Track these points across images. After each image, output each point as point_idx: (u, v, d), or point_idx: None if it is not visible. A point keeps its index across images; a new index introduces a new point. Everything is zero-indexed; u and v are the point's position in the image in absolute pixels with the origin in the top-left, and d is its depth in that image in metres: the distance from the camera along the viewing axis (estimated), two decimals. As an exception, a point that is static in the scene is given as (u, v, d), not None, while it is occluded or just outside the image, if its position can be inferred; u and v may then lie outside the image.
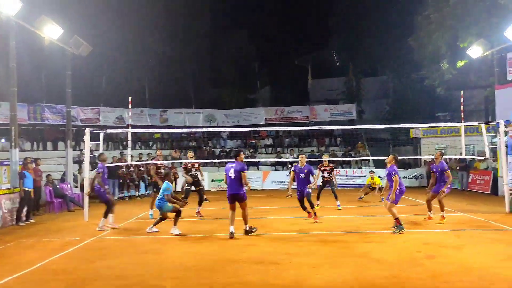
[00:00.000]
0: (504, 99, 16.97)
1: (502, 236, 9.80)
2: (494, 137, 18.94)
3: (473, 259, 7.72)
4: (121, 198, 20.35)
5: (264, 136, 30.68)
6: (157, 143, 29.57)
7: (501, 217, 12.54)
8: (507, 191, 13.73)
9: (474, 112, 28.36)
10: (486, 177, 20.42)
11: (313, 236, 10.17)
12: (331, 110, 31.66)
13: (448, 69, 22.41)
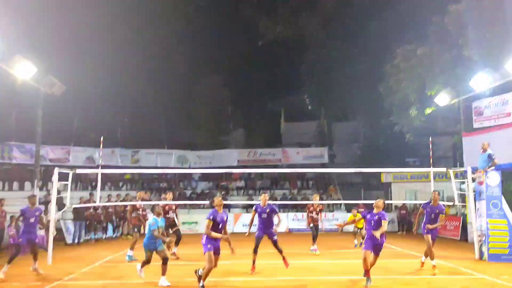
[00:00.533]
0: (471, 146, 17.40)
1: (473, 284, 9.84)
2: (462, 183, 19.30)
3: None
4: (87, 241, 19.76)
5: (236, 178, 30.55)
6: (127, 184, 29.11)
7: (471, 264, 12.61)
8: (476, 238, 13.87)
9: (443, 158, 28.96)
10: (456, 223, 20.67)
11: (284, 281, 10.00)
12: (303, 153, 31.93)
13: (417, 116, 22.97)
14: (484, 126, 17.21)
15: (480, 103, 17.40)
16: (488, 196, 13.38)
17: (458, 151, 22.28)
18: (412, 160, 32.68)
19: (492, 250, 13.07)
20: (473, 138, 17.61)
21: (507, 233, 13.08)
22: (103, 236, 20.92)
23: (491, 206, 13.31)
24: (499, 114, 16.40)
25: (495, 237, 13.11)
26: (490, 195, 13.39)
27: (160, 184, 29.66)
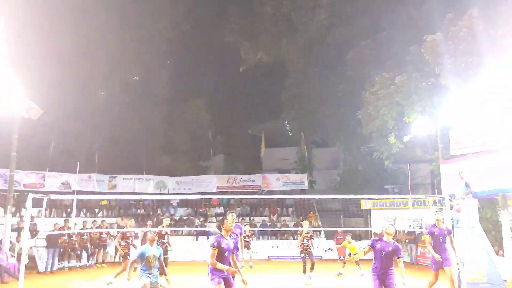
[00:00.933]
0: (449, 174, 17.53)
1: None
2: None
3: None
4: (60, 269, 19.16)
5: (215, 204, 30.26)
6: (104, 210, 28.57)
7: (449, 292, 12.51)
8: (455, 265, 13.83)
9: (421, 185, 29.21)
10: (434, 251, 20.63)
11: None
12: (283, 179, 31.84)
13: (395, 143, 23.19)
14: (461, 153, 17.38)
15: (458, 131, 17.61)
16: (466, 223, 13.40)
17: (436, 178, 22.45)
18: (391, 187, 32.86)
19: (470, 279, 13.02)
20: (451, 165, 17.77)
21: (484, 260, 13.08)
22: (77, 264, 20.30)
23: (469, 234, 13.32)
24: (476, 141, 16.60)
25: (473, 265, 13.07)
26: (467, 222, 13.41)
27: (138, 210, 29.18)
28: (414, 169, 24.44)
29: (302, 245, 14.67)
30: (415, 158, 27.26)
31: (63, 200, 25.05)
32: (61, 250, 19.21)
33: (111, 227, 25.06)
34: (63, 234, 18.83)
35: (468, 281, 13.03)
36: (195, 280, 15.43)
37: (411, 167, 17.30)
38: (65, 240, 19.28)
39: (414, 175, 24.34)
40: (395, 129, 22.83)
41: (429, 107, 20.18)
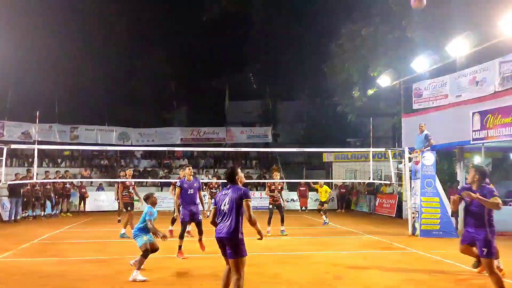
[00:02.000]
0: (410, 127, 18.01)
1: (405, 258, 10.23)
2: (400, 163, 20.02)
3: (377, 280, 7.97)
4: (24, 218, 19.03)
5: (179, 156, 30.26)
6: (66, 160, 28.21)
7: (404, 239, 13.16)
8: (410, 215, 14.49)
9: (383, 139, 29.90)
10: (392, 201, 21.47)
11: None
12: (247, 132, 32.00)
13: (359, 97, 23.51)
14: (423, 107, 17.82)
15: (420, 85, 17.97)
16: (423, 175, 13.93)
17: (397, 132, 23.03)
18: (353, 140, 33.53)
19: (424, 227, 13.67)
20: (412, 119, 18.23)
21: (438, 210, 13.72)
22: (42, 213, 20.20)
23: (425, 185, 13.87)
24: (437, 95, 17.01)
25: (428, 214, 13.70)
26: (425, 174, 13.93)
27: (101, 162, 28.93)
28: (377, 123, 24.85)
29: (272, 197, 14.47)
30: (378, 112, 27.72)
31: (24, 150, 24.56)
32: (24, 200, 19.03)
33: (75, 177, 24.83)
34: (25, 184, 18.61)
35: (422, 229, 13.68)
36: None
37: (374, 120, 17.61)
38: (28, 190, 19.08)
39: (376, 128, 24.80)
40: (360, 83, 23.10)
41: (394, 61, 20.40)
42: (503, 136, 13.57)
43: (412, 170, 14.82)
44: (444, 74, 16.98)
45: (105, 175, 27.06)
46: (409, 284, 7.59)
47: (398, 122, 21.38)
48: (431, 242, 12.58)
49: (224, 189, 6.22)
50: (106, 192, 24.86)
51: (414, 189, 14.48)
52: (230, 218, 5.98)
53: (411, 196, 14.63)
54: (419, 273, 8.48)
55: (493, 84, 14.27)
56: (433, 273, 8.48)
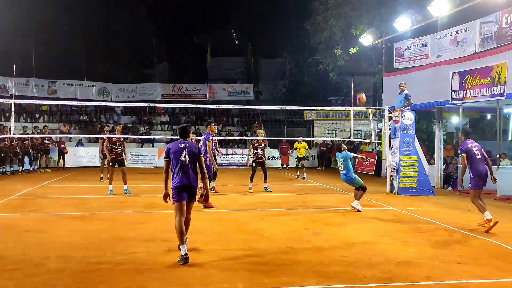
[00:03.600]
0: (390, 87, 18.06)
1: (382, 214, 10.49)
2: (380, 122, 20.22)
3: (355, 235, 8.18)
4: (2, 173, 18.86)
5: (160, 112, 30.02)
6: (45, 115, 27.80)
7: (382, 197, 13.47)
8: (389, 173, 14.78)
9: (363, 98, 30.02)
10: (371, 159, 21.80)
11: (207, 214, 10.14)
12: (229, 89, 31.82)
13: (341, 55, 23.37)
14: (404, 67, 17.83)
15: (402, 44, 17.91)
16: (402, 134, 14.13)
17: (378, 91, 23.13)
18: (334, 99, 33.65)
19: (402, 185, 13.99)
20: (393, 78, 18.27)
21: (416, 169, 14.02)
22: (20, 169, 20.03)
23: (404, 144, 14.10)
24: (418, 55, 17.00)
25: (406, 173, 14.01)
26: (404, 133, 14.13)
27: (80, 117, 28.55)
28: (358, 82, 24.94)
29: (256, 154, 14.56)
30: (360, 71, 27.78)
31: (1, 104, 24.07)
32: (2, 155, 18.78)
33: (53, 133, 24.52)
34: (2, 139, 18.32)
35: (400, 187, 13.99)
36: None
37: (355, 79, 17.65)
38: (5, 145, 18.81)
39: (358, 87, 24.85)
40: (342, 41, 22.92)
41: (376, 20, 20.24)
42: (481, 96, 13.74)
43: (391, 129, 15.02)
44: (425, 34, 16.93)
45: (85, 131, 26.78)
46: (386, 240, 7.81)
47: (379, 81, 21.43)
48: (409, 199, 12.91)
49: (179, 142, 6.81)
50: (86, 148, 24.69)
51: (393, 148, 14.71)
52: (189, 169, 6.70)
53: (390, 155, 14.88)
54: (396, 230, 8.73)
55: (473, 45, 14.30)
56: (409, 229, 8.73)
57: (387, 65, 19.73)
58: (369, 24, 20.30)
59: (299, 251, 6.97)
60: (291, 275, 5.78)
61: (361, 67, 26.93)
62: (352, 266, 6.20)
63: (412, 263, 6.39)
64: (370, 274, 5.84)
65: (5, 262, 6.18)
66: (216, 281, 5.50)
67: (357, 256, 6.71)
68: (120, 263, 6.24)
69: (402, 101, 14.36)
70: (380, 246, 7.34)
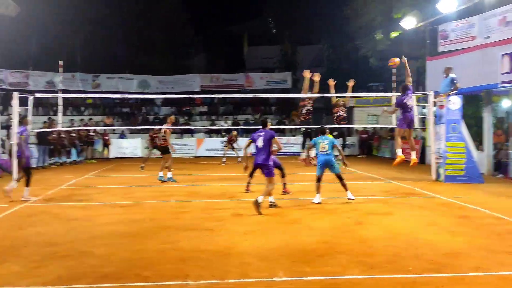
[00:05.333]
0: (435, 71, 17.46)
1: (427, 203, 10.17)
2: (424, 108, 19.62)
3: (399, 225, 7.93)
4: (51, 165, 19.55)
5: (199, 103, 30.27)
6: (89, 108, 28.59)
7: (427, 185, 13.05)
8: (434, 160, 14.29)
9: (406, 83, 29.22)
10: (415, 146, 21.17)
11: (246, 203, 10.10)
12: (267, 78, 31.68)
13: (382, 40, 22.79)
14: (449, 50, 17.21)
15: (446, 26, 17.27)
16: (448, 120, 13.63)
17: (421, 76, 22.45)
18: (375, 85, 32.91)
19: (449, 172, 13.50)
20: (437, 62, 17.64)
21: (464, 155, 13.50)
22: (68, 160, 20.70)
23: (451, 130, 13.60)
24: (464, 37, 16.35)
25: (452, 159, 13.51)
26: (450, 119, 13.63)
27: (123, 109, 29.18)
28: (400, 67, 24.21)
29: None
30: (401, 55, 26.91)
31: (49, 98, 25.04)
32: (51, 147, 19.47)
33: (98, 125, 25.15)
34: (52, 132, 18.97)
35: (446, 174, 13.53)
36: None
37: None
38: (54, 138, 19.50)
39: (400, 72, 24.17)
40: (383, 25, 22.33)
41: (419, 2, 19.54)
42: (533, 78, 13.08)
43: (436, 115, 14.51)
44: (472, 15, 16.23)
45: (127, 123, 27.32)
46: (432, 230, 7.54)
47: (423, 66, 20.77)
48: (456, 187, 12.46)
49: (258, 131, 9.30)
50: (128, 139, 25.21)
51: (439, 134, 14.22)
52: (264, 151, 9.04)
53: (435, 141, 14.39)
54: (442, 219, 8.42)
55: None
56: (456, 218, 8.41)
57: (431, 49, 19.09)
58: (411, 7, 19.65)
59: (341, 241, 6.81)
60: (333, 265, 5.65)
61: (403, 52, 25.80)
62: (397, 256, 6.00)
63: (460, 253, 6.13)
64: (416, 264, 5.63)
65: (56, 249, 6.35)
66: (256, 270, 5.44)
67: (402, 246, 6.49)
68: (164, 251, 6.30)
69: (448, 86, 13.84)
70: (426, 236, 7.07)
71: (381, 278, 5.17)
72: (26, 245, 6.62)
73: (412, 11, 18.76)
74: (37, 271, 5.40)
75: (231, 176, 15.44)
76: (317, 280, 5.12)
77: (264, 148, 9.07)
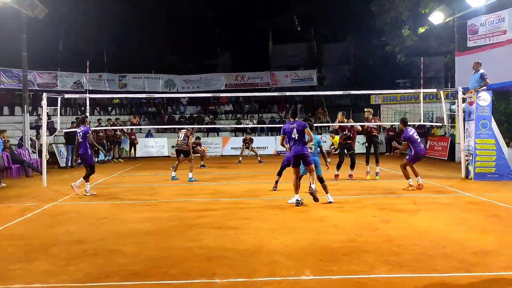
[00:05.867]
0: (464, 66, 17.11)
1: (456, 201, 9.97)
2: (452, 104, 19.27)
3: (427, 223, 7.80)
4: (80, 164, 19.86)
5: (224, 102, 30.39)
6: (116, 108, 28.99)
7: (456, 183, 12.81)
8: (463, 157, 14.00)
9: (434, 79, 28.80)
10: (444, 143, 20.86)
11: (272, 201, 10.12)
12: (292, 76, 31.60)
13: (409, 36, 22.45)
14: (479, 45, 16.83)
15: (476, 20, 16.89)
16: (478, 116, 13.34)
17: (450, 72, 22.07)
18: (402, 81, 32.51)
19: (479, 169, 13.23)
20: (467, 57, 17.30)
21: (494, 152, 13.20)
22: (96, 159, 21.01)
23: (480, 126, 13.31)
24: (495, 32, 15.96)
25: (482, 157, 13.23)
26: (480, 115, 13.34)
27: (149, 109, 29.51)
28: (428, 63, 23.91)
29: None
30: (429, 51, 26.54)
31: (77, 99, 25.61)
32: (79, 147, 19.82)
33: (124, 124, 25.52)
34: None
35: (476, 172, 13.26)
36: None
37: (425, 60, 16.82)
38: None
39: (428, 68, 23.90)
40: (410, 21, 21.99)
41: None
42: None
43: (466, 111, 14.21)
44: (502, 8, 15.83)
45: (153, 122, 27.64)
46: (461, 228, 7.39)
47: (451, 61, 20.39)
48: (486, 185, 12.20)
49: (289, 123, 9.45)
50: (155, 138, 25.49)
51: (468, 131, 13.94)
52: (299, 141, 9.25)
53: (465, 138, 14.11)
54: (472, 217, 8.25)
55: (557, 17, 13.23)
56: (486, 217, 8.23)
57: (459, 44, 18.72)
58: (439, 1, 19.30)
59: (367, 239, 6.73)
60: (359, 263, 5.59)
61: (431, 47, 25.71)
62: (425, 255, 5.90)
63: (491, 252, 5.99)
64: (445, 263, 5.53)
65: (85, 247, 6.45)
66: (283, 268, 5.43)
67: (430, 244, 6.38)
68: (190, 249, 6.34)
69: (477, 81, 13.54)
70: (455, 235, 6.94)
71: (408, 277, 5.10)
72: (55, 243, 6.74)
73: (440, 5, 18.39)
74: (66, 269, 5.50)
75: (257, 174, 15.48)
76: (344, 279, 5.08)
77: (299, 139, 9.24)
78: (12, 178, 15.62)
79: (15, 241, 6.89)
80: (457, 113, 14.94)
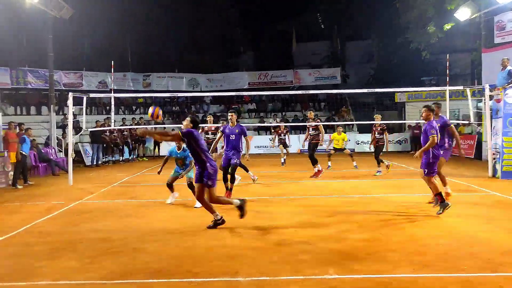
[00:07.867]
0: (490, 63, 16.80)
1: (483, 200, 9.80)
2: (479, 102, 18.92)
3: (453, 222, 7.68)
4: (105, 163, 20.27)
5: (247, 100, 30.42)
6: (140, 107, 29.31)
7: (483, 181, 12.58)
8: (491, 156, 13.74)
9: (460, 76, 28.30)
10: (470, 142, 20.49)
11: (296, 199, 10.11)
12: (315, 74, 31.43)
13: (434, 33, 22.12)
14: (506, 41, 16.50)
15: (503, 16, 16.56)
16: (506, 114, 13.08)
17: (476, 69, 21.68)
18: (428, 79, 32.02)
19: (506, 168, 12.98)
20: (494, 54, 16.97)
21: (522, 150, 12.94)
22: (120, 158, 21.38)
23: (508, 124, 13.06)
24: (523, 27, 15.68)
25: (510, 155, 12.97)
26: (507, 112, 13.08)
27: (173, 108, 29.75)
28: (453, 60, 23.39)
29: (375, 138, 14.86)
30: (455, 48, 26.08)
31: (102, 98, 26.00)
32: (104, 145, 20.20)
33: (149, 123, 25.74)
34: (105, 131, 19.67)
35: (503, 170, 13.01)
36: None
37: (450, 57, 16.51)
38: (107, 136, 20.16)
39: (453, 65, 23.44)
40: (435, 18, 21.66)
41: (473, -8, 18.90)
42: None
43: (493, 109, 13.95)
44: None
45: (177, 121, 27.81)
46: (488, 228, 7.26)
47: (478, 58, 20.03)
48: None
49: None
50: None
51: (495, 129, 13.68)
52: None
53: (492, 136, 13.84)
54: (500, 216, 8.09)
55: None
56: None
57: (486, 40, 18.39)
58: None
59: (391, 238, 6.67)
60: (384, 262, 5.55)
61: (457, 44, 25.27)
62: (451, 255, 5.81)
63: (519, 252, 5.88)
64: (471, 263, 5.44)
65: (109, 245, 6.56)
66: (307, 267, 5.41)
67: (456, 244, 6.29)
68: (213, 247, 6.37)
69: (505, 78, 13.30)
70: (482, 234, 6.82)
71: (433, 277, 5.04)
72: (81, 241, 6.87)
73: (466, 1, 18.07)
74: (92, 266, 5.60)
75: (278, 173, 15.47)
76: (367, 278, 5.04)
77: None
78: (39, 177, 15.98)
79: (41, 239, 7.04)
80: (484, 110, 14.66)
